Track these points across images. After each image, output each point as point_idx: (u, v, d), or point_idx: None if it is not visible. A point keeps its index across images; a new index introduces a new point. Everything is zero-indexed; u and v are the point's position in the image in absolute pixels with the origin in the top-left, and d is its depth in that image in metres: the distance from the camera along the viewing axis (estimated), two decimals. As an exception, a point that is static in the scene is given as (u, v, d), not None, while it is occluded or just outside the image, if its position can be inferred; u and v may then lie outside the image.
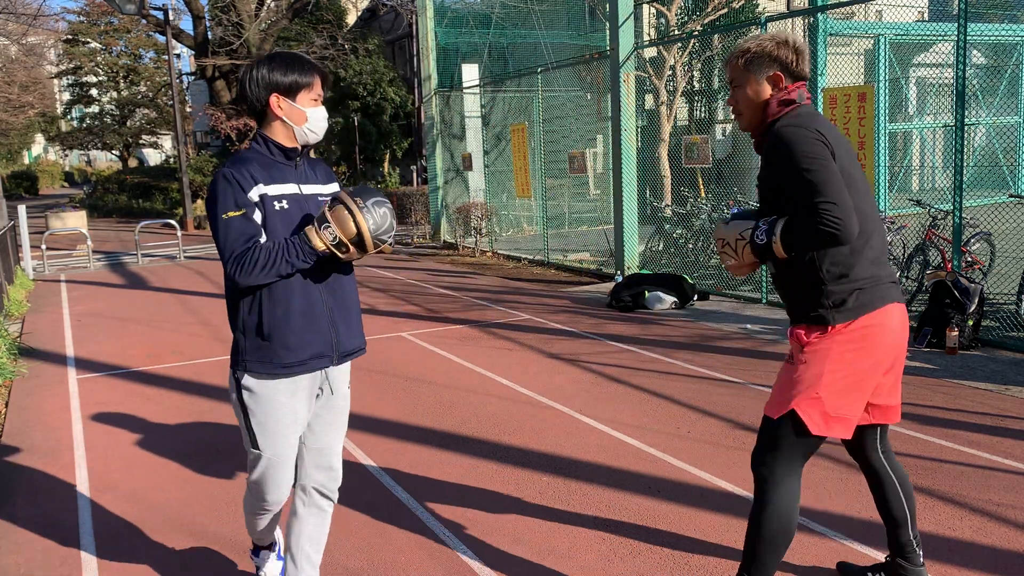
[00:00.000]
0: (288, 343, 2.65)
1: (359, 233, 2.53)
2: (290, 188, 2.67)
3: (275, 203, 2.61)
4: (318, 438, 2.83)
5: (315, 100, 2.70)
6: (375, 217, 2.54)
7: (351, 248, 2.55)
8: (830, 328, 2.51)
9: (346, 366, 2.86)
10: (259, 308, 2.65)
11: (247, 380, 2.68)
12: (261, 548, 3.15)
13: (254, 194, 2.58)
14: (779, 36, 2.59)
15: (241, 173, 2.58)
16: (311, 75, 2.67)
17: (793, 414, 2.53)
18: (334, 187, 2.87)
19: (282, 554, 3.16)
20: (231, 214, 2.55)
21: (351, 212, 2.51)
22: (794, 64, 2.57)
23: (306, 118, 2.67)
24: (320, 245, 2.54)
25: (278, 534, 3.19)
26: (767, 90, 2.59)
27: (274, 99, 2.64)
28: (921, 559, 2.90)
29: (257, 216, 2.58)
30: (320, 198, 2.76)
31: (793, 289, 2.60)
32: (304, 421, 2.77)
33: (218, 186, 2.57)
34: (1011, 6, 15.25)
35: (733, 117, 2.69)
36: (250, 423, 2.71)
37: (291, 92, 2.65)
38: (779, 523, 2.56)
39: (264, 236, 2.59)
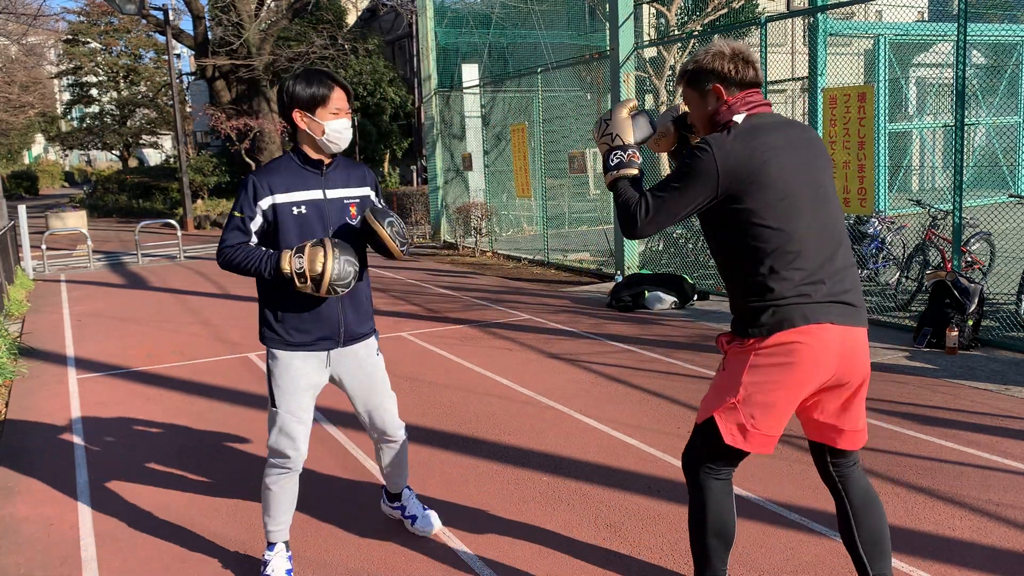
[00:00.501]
0: (296, 327, 3.08)
1: (321, 275, 2.89)
2: (312, 194, 3.05)
3: (292, 208, 3.02)
4: (363, 403, 3.27)
5: (335, 113, 3.01)
6: (340, 271, 2.92)
7: (308, 283, 2.90)
8: (745, 341, 2.47)
9: (368, 341, 3.25)
10: (274, 298, 3.08)
11: (270, 349, 3.13)
12: (273, 544, 3.21)
13: (265, 203, 3.00)
14: (715, 47, 2.54)
15: (260, 183, 3.01)
16: (329, 89, 3.00)
17: (712, 421, 2.52)
18: (364, 191, 3.21)
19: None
20: (236, 214, 3.01)
21: (325, 257, 2.89)
22: (734, 73, 2.50)
23: (324, 130, 3.00)
24: (286, 269, 2.90)
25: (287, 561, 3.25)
26: (710, 104, 2.56)
27: (296, 114, 3.01)
28: None
29: (257, 222, 3.01)
30: (346, 201, 3.13)
31: (728, 298, 2.62)
32: (319, 385, 3.17)
33: (241, 188, 3.03)
34: (1011, 6, 15.25)
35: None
36: (271, 383, 3.13)
37: (310, 106, 2.99)
38: (711, 524, 2.58)
39: (254, 239, 3.03)
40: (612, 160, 2.59)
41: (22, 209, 13.90)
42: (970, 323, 6.35)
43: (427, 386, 5.90)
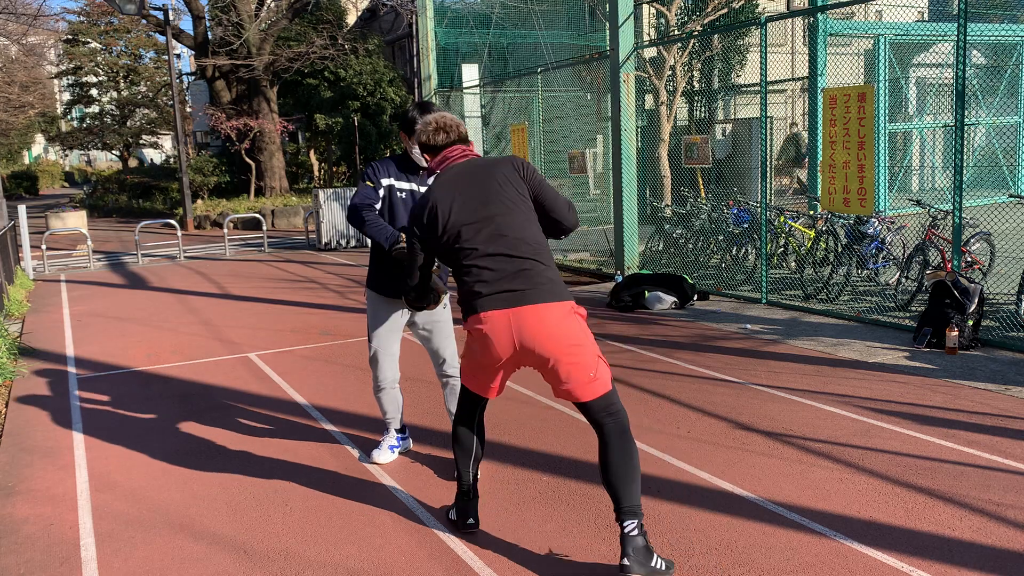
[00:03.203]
0: (383, 280, 4.20)
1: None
2: (412, 186, 4.17)
3: (399, 192, 4.15)
4: (430, 344, 4.30)
5: None
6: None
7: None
8: (465, 320, 3.28)
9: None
10: (375, 258, 4.24)
11: (367, 292, 4.26)
12: (387, 427, 4.48)
13: (385, 181, 4.14)
14: (423, 122, 3.45)
15: (384, 165, 4.18)
16: (420, 118, 3.91)
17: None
18: None
19: (395, 444, 4.51)
20: (369, 183, 4.11)
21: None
22: (430, 141, 3.41)
23: (413, 150, 4.07)
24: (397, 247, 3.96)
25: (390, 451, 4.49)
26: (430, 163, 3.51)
27: (402, 134, 4.15)
28: (628, 531, 3.06)
29: (382, 191, 4.12)
30: None
31: None
32: (399, 326, 4.26)
33: (368, 169, 4.17)
34: (1011, 6, 15.25)
35: None
36: (368, 321, 4.26)
37: (407, 130, 4.08)
38: (456, 436, 3.50)
39: (379, 204, 4.11)
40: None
41: (22, 209, 13.90)
42: (970, 323, 6.35)
43: (427, 386, 5.90)
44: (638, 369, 6.14)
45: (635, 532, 3.05)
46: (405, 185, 4.16)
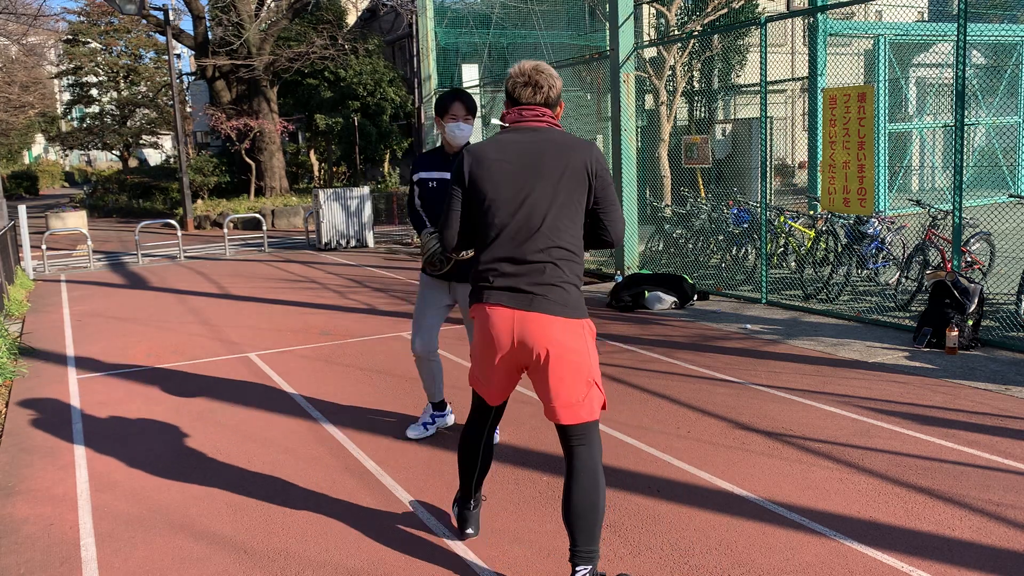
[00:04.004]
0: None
1: (423, 250, 4.09)
2: (444, 175, 4.44)
3: (429, 183, 4.49)
4: (466, 320, 4.61)
5: (454, 117, 4.30)
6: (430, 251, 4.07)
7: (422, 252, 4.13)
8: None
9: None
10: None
11: (421, 273, 4.65)
12: (432, 404, 4.83)
13: (416, 176, 4.55)
14: (516, 67, 3.08)
15: (418, 161, 4.56)
16: (451, 100, 4.29)
17: None
18: None
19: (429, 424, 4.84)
20: (411, 179, 4.59)
21: (430, 242, 4.14)
22: (513, 92, 3.06)
23: (446, 130, 4.34)
24: (418, 238, 4.60)
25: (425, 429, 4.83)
26: None
27: (436, 119, 4.39)
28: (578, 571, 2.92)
29: (416, 189, 4.54)
30: None
31: None
32: (441, 303, 4.60)
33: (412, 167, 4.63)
34: (1011, 6, 15.25)
35: None
36: (417, 297, 4.64)
37: (440, 113, 4.34)
38: (458, 454, 3.32)
39: (418, 201, 4.54)
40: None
41: (22, 209, 13.89)
42: (970, 323, 6.35)
43: (427, 386, 5.90)
44: (638, 369, 6.14)
45: None
46: (436, 175, 4.47)
